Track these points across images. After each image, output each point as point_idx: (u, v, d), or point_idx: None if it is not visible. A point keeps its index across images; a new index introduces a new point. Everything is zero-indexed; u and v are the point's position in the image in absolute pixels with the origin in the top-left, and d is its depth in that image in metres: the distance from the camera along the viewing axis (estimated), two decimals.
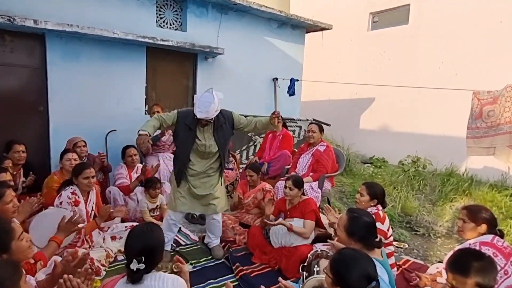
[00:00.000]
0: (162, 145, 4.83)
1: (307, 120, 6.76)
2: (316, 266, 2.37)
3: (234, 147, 5.52)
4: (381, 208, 3.00)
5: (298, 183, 3.35)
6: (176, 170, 3.24)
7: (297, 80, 6.79)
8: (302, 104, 7.52)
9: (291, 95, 6.69)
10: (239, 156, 5.86)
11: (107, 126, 4.90)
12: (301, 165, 4.39)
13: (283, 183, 3.67)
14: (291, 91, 6.65)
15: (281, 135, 4.95)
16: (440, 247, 4.18)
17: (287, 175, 3.91)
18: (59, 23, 4.28)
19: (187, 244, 3.73)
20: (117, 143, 4.65)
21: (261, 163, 4.76)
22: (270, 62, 6.63)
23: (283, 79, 6.75)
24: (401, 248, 4.01)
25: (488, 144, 4.53)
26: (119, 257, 3.26)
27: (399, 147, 7.77)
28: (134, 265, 1.66)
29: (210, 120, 3.03)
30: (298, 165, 4.44)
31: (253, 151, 6.20)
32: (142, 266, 1.66)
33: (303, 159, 4.43)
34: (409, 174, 6.12)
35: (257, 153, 5.33)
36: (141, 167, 4.35)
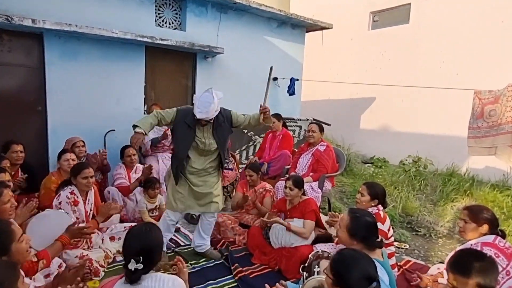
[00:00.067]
0: (161, 146, 4.80)
1: (307, 119, 6.75)
2: (316, 266, 2.37)
3: (233, 147, 5.49)
4: (381, 208, 2.99)
5: (298, 183, 3.33)
6: (174, 168, 3.19)
7: (297, 79, 6.78)
8: (302, 103, 7.50)
9: (291, 95, 6.69)
10: (239, 156, 5.84)
11: (105, 126, 4.89)
12: (301, 165, 4.37)
13: (283, 183, 3.66)
14: (291, 91, 6.65)
15: (281, 135, 4.93)
16: (441, 248, 4.16)
17: (287, 175, 3.89)
18: (58, 22, 4.28)
19: (186, 244, 3.71)
20: (116, 143, 4.63)
21: (261, 163, 4.74)
22: (270, 61, 6.55)
23: (283, 79, 6.74)
24: (402, 248, 3.99)
25: (489, 144, 4.51)
26: (118, 258, 3.23)
27: (399, 147, 7.74)
28: (132, 265, 1.64)
29: (210, 120, 3.01)
30: (298, 165, 4.41)
31: (253, 151, 6.18)
32: (140, 266, 1.64)
33: (303, 159, 4.40)
34: (410, 174, 6.10)
35: (257, 153, 5.32)
36: (141, 168, 4.32)
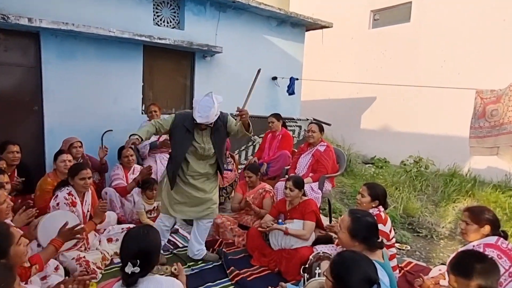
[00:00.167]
0: (159, 147, 4.74)
1: (307, 119, 6.71)
2: (317, 268, 2.39)
3: (233, 147, 5.45)
4: (382, 209, 2.98)
5: (298, 184, 3.31)
6: (170, 173, 3.16)
7: (297, 79, 6.74)
8: (302, 103, 7.46)
9: (290, 94, 6.65)
10: (238, 156, 5.80)
11: (103, 126, 4.84)
12: (301, 166, 4.33)
13: (282, 184, 3.64)
14: (291, 90, 6.61)
15: (281, 135, 4.91)
16: (443, 249, 4.13)
17: (287, 176, 3.85)
18: (54, 21, 4.24)
19: (184, 246, 3.67)
20: (114, 144, 4.57)
21: (260, 164, 4.71)
22: (269, 60, 6.56)
23: (283, 78, 6.69)
24: (403, 250, 3.96)
25: (491, 144, 4.48)
26: (115, 260, 3.20)
27: (400, 147, 7.70)
28: (128, 269, 1.63)
29: (210, 124, 2.99)
30: (297, 165, 4.38)
31: (252, 151, 6.14)
32: (137, 269, 1.63)
33: (303, 159, 4.37)
34: (411, 174, 6.07)
35: (256, 153, 5.29)
36: (139, 168, 4.27)
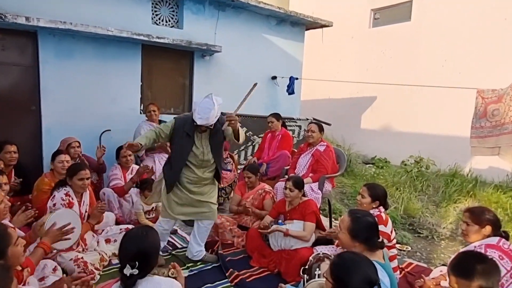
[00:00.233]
0: (156, 149, 4.71)
1: (307, 119, 6.68)
2: (317, 269, 2.38)
3: (232, 148, 5.42)
4: (383, 210, 2.95)
5: (298, 184, 3.29)
6: (169, 179, 3.13)
7: (297, 78, 6.72)
8: (301, 103, 7.44)
9: (290, 94, 6.63)
10: (237, 156, 5.77)
11: (101, 125, 4.81)
12: (301, 166, 4.30)
13: (282, 184, 3.62)
14: (291, 90, 6.60)
15: (280, 135, 4.89)
16: (444, 250, 4.10)
17: (287, 176, 3.82)
18: (52, 20, 4.23)
19: (183, 247, 3.65)
20: (112, 144, 4.54)
21: (260, 164, 4.69)
22: (269, 60, 6.54)
23: (282, 78, 6.67)
24: (404, 250, 3.94)
25: (492, 143, 4.46)
26: (114, 261, 3.18)
27: (401, 147, 7.67)
28: (127, 270, 1.62)
29: (209, 126, 2.98)
30: (297, 165, 4.35)
31: (252, 151, 6.11)
32: (135, 271, 1.62)
33: (302, 159, 4.34)
34: (412, 174, 6.05)
35: (255, 153, 5.26)
36: (136, 168, 4.24)
